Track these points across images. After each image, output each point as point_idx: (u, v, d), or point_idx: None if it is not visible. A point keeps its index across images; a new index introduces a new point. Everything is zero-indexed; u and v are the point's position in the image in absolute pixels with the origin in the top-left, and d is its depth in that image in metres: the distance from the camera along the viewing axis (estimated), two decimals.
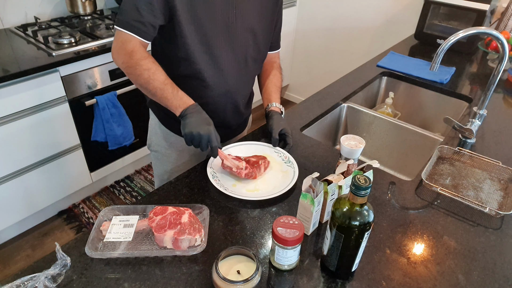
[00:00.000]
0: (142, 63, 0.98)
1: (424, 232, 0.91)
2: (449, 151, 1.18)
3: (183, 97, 1.01)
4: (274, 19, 1.17)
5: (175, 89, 1.01)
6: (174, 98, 1.00)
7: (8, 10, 2.07)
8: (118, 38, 0.99)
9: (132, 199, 2.35)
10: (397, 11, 2.58)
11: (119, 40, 0.99)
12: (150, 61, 0.99)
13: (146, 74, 0.98)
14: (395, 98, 1.73)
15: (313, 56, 3.18)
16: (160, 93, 0.99)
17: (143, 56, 0.99)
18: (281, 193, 0.97)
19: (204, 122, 0.98)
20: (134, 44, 0.98)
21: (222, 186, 0.99)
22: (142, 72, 0.98)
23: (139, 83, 1.00)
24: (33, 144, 1.83)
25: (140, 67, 0.98)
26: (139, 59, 0.98)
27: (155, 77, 0.99)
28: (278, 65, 1.32)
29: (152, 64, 0.99)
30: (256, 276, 0.69)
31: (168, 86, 1.00)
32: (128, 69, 0.99)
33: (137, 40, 0.98)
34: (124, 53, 0.98)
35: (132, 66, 0.98)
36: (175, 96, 1.00)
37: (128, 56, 0.98)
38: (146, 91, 1.02)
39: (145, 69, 0.98)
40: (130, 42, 0.98)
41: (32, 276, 0.73)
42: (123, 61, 0.99)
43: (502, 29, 1.99)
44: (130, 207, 0.90)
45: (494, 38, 1.11)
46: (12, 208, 1.90)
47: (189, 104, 1.00)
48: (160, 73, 1.00)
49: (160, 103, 1.03)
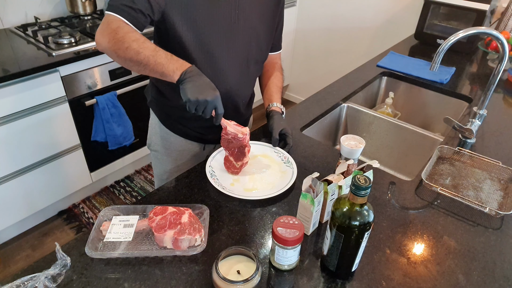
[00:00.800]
0: (129, 35, 0.90)
1: (424, 232, 0.91)
2: (449, 151, 1.18)
3: (179, 60, 0.93)
4: (275, 20, 1.17)
5: (168, 54, 0.92)
6: (170, 62, 0.91)
7: (8, 10, 2.07)
8: (104, 21, 0.92)
9: (132, 199, 2.35)
10: (397, 11, 2.58)
11: (104, 23, 0.92)
12: (137, 33, 0.92)
13: (135, 45, 0.89)
14: (395, 98, 1.73)
15: (313, 56, 3.18)
16: (153, 60, 0.90)
17: (130, 29, 0.91)
18: (278, 193, 0.97)
19: (209, 86, 0.91)
20: (121, 23, 0.91)
21: (220, 185, 0.99)
22: (130, 43, 0.89)
23: (129, 56, 0.90)
24: (33, 144, 1.83)
25: (128, 39, 0.89)
26: (126, 32, 0.90)
27: (144, 46, 0.90)
28: (279, 66, 1.32)
29: (139, 35, 0.92)
30: (256, 276, 0.69)
31: (160, 51, 0.92)
32: (114, 45, 0.90)
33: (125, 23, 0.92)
34: (109, 31, 0.90)
35: (119, 40, 0.89)
36: (170, 59, 0.91)
37: (113, 32, 0.90)
38: (137, 64, 0.92)
39: (133, 40, 0.90)
40: (116, 21, 0.91)
41: (32, 276, 0.73)
42: (109, 39, 0.90)
43: (502, 29, 1.99)
44: (130, 207, 0.90)
45: (494, 38, 1.11)
46: (12, 208, 1.90)
47: (187, 66, 0.92)
48: (149, 42, 0.92)
49: (154, 73, 0.93)
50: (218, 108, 0.91)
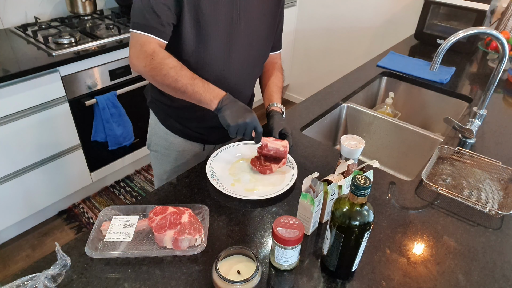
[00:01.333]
0: (166, 62, 0.95)
1: (424, 232, 0.91)
2: (449, 151, 1.18)
3: (215, 89, 0.98)
4: (276, 20, 1.17)
5: (205, 83, 0.98)
6: (207, 91, 0.97)
7: (8, 10, 2.07)
8: (135, 42, 0.96)
9: (132, 199, 2.35)
10: (397, 11, 2.58)
11: (137, 44, 0.95)
12: (173, 59, 0.97)
13: (173, 72, 0.95)
14: (395, 98, 1.73)
15: (313, 56, 3.18)
16: (191, 88, 0.96)
17: (166, 55, 0.96)
18: (279, 193, 0.97)
19: (246, 110, 0.97)
20: (154, 45, 0.95)
21: (221, 185, 0.99)
22: (168, 71, 0.94)
23: (167, 83, 0.96)
24: (33, 144, 1.83)
25: (165, 66, 0.94)
26: (163, 58, 0.95)
27: (182, 74, 0.96)
28: (279, 65, 1.32)
29: (176, 62, 0.97)
30: (256, 276, 0.69)
31: (197, 80, 0.97)
32: (152, 71, 0.95)
33: (156, 41, 0.96)
34: (145, 55, 0.94)
35: (156, 67, 0.95)
36: (207, 89, 0.97)
37: (150, 57, 0.94)
38: (174, 90, 0.98)
39: (171, 67, 0.95)
40: (149, 44, 0.95)
41: (32, 276, 0.73)
42: (145, 64, 0.95)
43: (502, 29, 1.99)
44: (130, 207, 0.90)
45: (494, 38, 1.11)
46: (12, 208, 1.90)
47: (222, 95, 0.98)
48: (186, 70, 0.97)
49: (191, 99, 0.99)
50: (257, 128, 0.98)
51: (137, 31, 0.95)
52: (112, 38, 1.97)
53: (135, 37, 0.96)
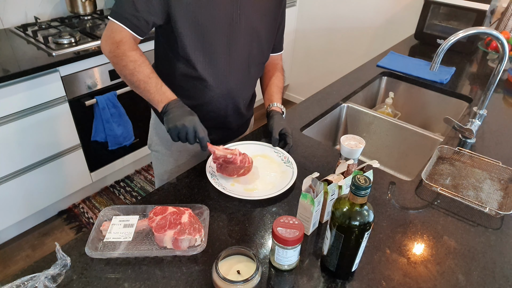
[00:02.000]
0: (128, 54, 0.97)
1: (424, 232, 0.91)
2: (449, 151, 1.18)
3: (166, 92, 0.99)
4: (277, 21, 1.16)
5: (159, 84, 0.98)
6: (157, 93, 0.98)
7: (8, 10, 2.07)
8: (109, 27, 0.98)
9: (132, 199, 2.35)
10: (397, 11, 2.58)
11: (109, 29, 0.98)
12: (137, 53, 0.98)
13: (131, 66, 0.96)
14: (395, 98, 1.73)
15: (313, 56, 3.18)
16: (143, 86, 0.97)
17: (131, 47, 0.97)
18: (279, 193, 0.97)
19: (187, 113, 0.96)
20: (124, 35, 0.97)
21: (220, 185, 0.99)
22: (127, 63, 0.96)
23: (124, 73, 0.98)
24: (33, 144, 1.83)
25: (126, 58, 0.96)
26: (126, 49, 0.97)
27: (140, 69, 0.96)
28: (280, 67, 1.32)
29: (139, 56, 0.98)
30: (256, 276, 0.69)
31: (152, 79, 0.98)
32: (114, 59, 0.98)
33: (127, 33, 0.97)
34: (112, 41, 0.97)
35: (118, 56, 0.97)
36: (158, 90, 0.98)
37: (115, 45, 0.96)
38: (130, 83, 1.00)
39: (131, 60, 0.96)
40: (120, 32, 0.97)
41: (32, 276, 0.73)
42: (110, 49, 0.97)
43: (502, 29, 1.99)
44: (130, 207, 0.90)
45: (494, 38, 1.10)
46: (12, 208, 1.90)
47: (171, 99, 0.98)
48: (145, 66, 0.98)
49: (143, 96, 1.01)
50: (198, 132, 0.94)
51: (112, 19, 0.97)
52: None
53: (109, 24, 0.98)
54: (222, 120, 1.20)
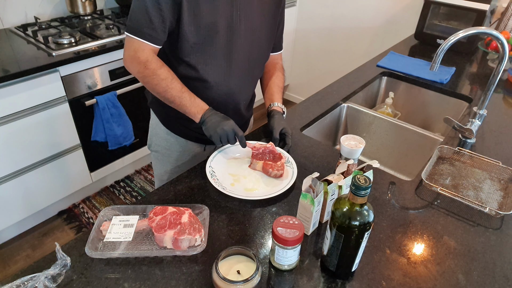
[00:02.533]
0: (158, 73, 1.00)
1: (424, 232, 0.91)
2: (449, 151, 1.18)
3: (200, 103, 1.06)
4: (276, 21, 1.17)
5: (192, 97, 1.05)
6: (192, 105, 1.04)
7: (8, 10, 2.07)
8: (130, 46, 1.00)
9: (132, 199, 2.35)
10: (397, 11, 2.58)
11: (131, 49, 0.99)
12: (165, 70, 1.02)
13: (163, 84, 1.01)
14: (395, 98, 1.73)
15: (313, 56, 3.18)
16: (179, 101, 1.04)
17: (158, 65, 1.01)
18: (278, 193, 0.97)
19: (224, 118, 1.04)
20: (148, 52, 0.99)
21: (220, 185, 0.99)
22: (159, 81, 1.01)
23: (157, 91, 1.04)
24: (33, 144, 1.83)
25: (157, 77, 1.01)
26: (155, 68, 1.00)
27: (172, 86, 1.02)
28: (280, 66, 1.32)
29: (168, 73, 1.02)
30: (256, 276, 0.69)
31: (185, 94, 1.04)
32: (144, 79, 1.02)
33: (149, 47, 0.99)
34: (138, 62, 1.00)
35: (148, 76, 1.01)
36: (193, 103, 1.05)
37: (143, 66, 1.00)
38: (164, 99, 1.05)
39: (162, 79, 1.01)
40: (143, 51, 0.99)
41: (32, 276, 0.73)
42: (138, 70, 1.01)
43: (502, 29, 1.99)
44: (130, 207, 0.90)
45: (494, 38, 1.11)
46: (12, 208, 1.90)
47: (205, 109, 1.05)
48: (176, 82, 1.03)
49: (178, 109, 1.07)
50: (237, 132, 1.04)
51: (131, 35, 0.98)
52: (112, 38, 1.97)
53: (129, 41, 1.00)
54: None
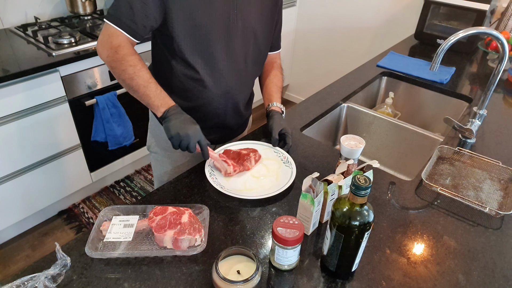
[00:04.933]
0: (128, 59, 0.97)
1: (424, 232, 0.91)
2: (449, 151, 1.18)
3: (165, 97, 1.01)
4: (274, 20, 1.17)
5: (158, 89, 1.00)
6: (157, 97, 0.99)
7: (8, 10, 2.07)
8: (105, 31, 0.97)
9: (132, 199, 2.35)
10: (397, 11, 2.58)
11: (106, 33, 0.97)
12: (136, 58, 0.98)
13: (131, 70, 0.97)
14: (395, 98, 1.73)
15: (313, 56, 3.18)
16: (143, 90, 0.98)
17: (130, 52, 0.98)
18: (276, 193, 0.97)
19: (190, 122, 0.98)
20: (121, 39, 0.97)
21: (218, 184, 0.99)
22: (127, 67, 0.97)
23: (122, 78, 0.99)
24: (33, 144, 1.82)
25: (125, 62, 0.96)
26: (126, 54, 0.97)
27: (140, 74, 0.97)
28: (278, 65, 1.32)
29: (138, 61, 0.98)
30: (256, 276, 0.69)
31: (151, 84, 0.99)
32: (112, 63, 0.98)
33: (125, 37, 0.97)
34: (110, 46, 0.96)
35: (117, 60, 0.97)
36: (158, 95, 0.99)
37: (113, 50, 0.96)
38: (128, 87, 1.00)
39: (131, 65, 0.97)
40: (117, 36, 0.96)
41: (32, 276, 0.73)
42: (108, 54, 0.97)
43: (502, 29, 1.99)
44: (130, 207, 0.90)
45: (494, 38, 1.11)
46: (12, 208, 1.90)
47: (170, 105, 1.00)
48: (145, 71, 0.99)
49: (141, 101, 1.02)
50: (201, 141, 0.97)
51: (109, 22, 0.96)
52: None
53: (106, 27, 0.97)
54: (221, 120, 1.20)
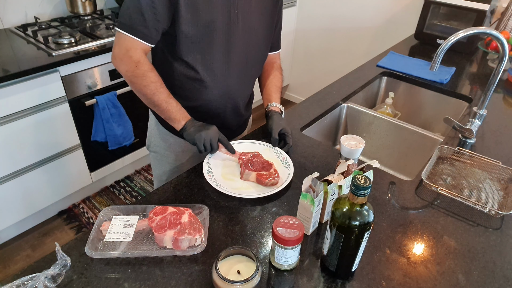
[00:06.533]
0: (149, 75, 1.00)
1: (424, 232, 0.91)
2: (449, 151, 1.18)
3: (184, 111, 1.08)
4: (274, 20, 1.17)
5: (178, 104, 1.07)
6: (177, 112, 1.06)
7: (8, 10, 2.07)
8: (121, 44, 0.98)
9: (132, 199, 2.35)
10: (397, 11, 2.58)
11: (122, 47, 0.98)
12: (156, 74, 1.03)
13: (153, 86, 1.01)
14: (395, 98, 1.73)
15: (313, 56, 3.18)
16: (165, 105, 1.04)
17: (150, 68, 1.01)
18: (271, 193, 0.97)
19: (207, 125, 1.06)
20: (140, 52, 0.99)
21: (214, 181, 0.99)
22: (149, 84, 1.01)
23: (143, 92, 1.02)
24: (33, 144, 1.82)
25: (147, 79, 1.00)
26: (146, 70, 1.00)
27: (161, 90, 1.03)
28: (278, 65, 1.32)
29: (158, 77, 1.03)
30: (256, 276, 0.69)
31: (172, 99, 1.05)
32: (133, 78, 1.01)
33: (141, 46, 0.98)
34: (130, 61, 0.98)
35: (138, 76, 1.00)
36: (178, 110, 1.06)
37: (134, 65, 0.98)
38: (149, 101, 1.05)
39: (152, 81, 1.01)
40: (135, 50, 0.98)
41: (32, 276, 0.73)
42: (128, 69, 0.99)
43: (502, 29, 1.99)
44: (130, 207, 0.90)
45: (494, 38, 1.10)
46: (12, 208, 1.90)
47: (189, 118, 1.08)
48: (164, 88, 1.04)
49: (161, 114, 1.07)
50: (221, 136, 1.07)
51: (123, 32, 0.96)
52: (112, 38, 1.97)
53: (120, 38, 0.98)
54: (221, 120, 1.20)
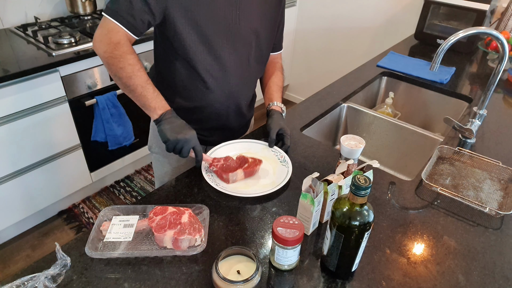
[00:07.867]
0: (128, 57, 0.95)
1: (424, 232, 0.91)
2: (449, 151, 1.18)
3: (162, 100, 1.00)
4: (277, 20, 1.16)
5: (155, 91, 0.99)
6: (154, 99, 0.98)
7: (8, 10, 2.07)
8: (104, 26, 0.95)
9: (132, 199, 2.35)
10: (397, 11, 2.58)
11: (105, 28, 0.95)
12: (135, 57, 0.97)
13: (129, 69, 0.95)
14: (395, 98, 1.73)
15: (313, 56, 3.18)
16: (140, 90, 0.97)
17: (129, 50, 0.96)
18: (269, 192, 0.97)
19: (187, 127, 0.98)
20: (121, 36, 0.95)
21: (214, 181, 0.99)
22: (125, 65, 0.95)
23: (119, 75, 0.96)
24: (33, 144, 1.82)
25: (125, 61, 0.95)
26: (125, 52, 0.95)
27: (138, 74, 0.96)
28: (280, 65, 1.32)
29: (137, 61, 0.97)
30: (256, 276, 0.69)
31: (150, 85, 0.98)
32: (109, 59, 0.95)
33: (124, 33, 0.95)
34: (108, 42, 0.94)
35: (115, 57, 0.95)
36: (155, 97, 0.98)
37: (112, 46, 0.94)
38: (124, 86, 0.98)
39: (130, 63, 0.95)
40: (117, 32, 0.94)
41: (32, 276, 0.73)
42: (106, 50, 0.95)
43: (502, 29, 1.99)
44: (130, 207, 0.90)
45: (494, 38, 1.10)
46: (12, 208, 1.90)
47: (167, 109, 0.99)
48: (143, 72, 0.98)
49: (136, 101, 1.00)
50: (196, 146, 0.98)
51: (108, 16, 0.94)
52: None
53: (104, 21, 0.95)
54: (223, 121, 1.20)
